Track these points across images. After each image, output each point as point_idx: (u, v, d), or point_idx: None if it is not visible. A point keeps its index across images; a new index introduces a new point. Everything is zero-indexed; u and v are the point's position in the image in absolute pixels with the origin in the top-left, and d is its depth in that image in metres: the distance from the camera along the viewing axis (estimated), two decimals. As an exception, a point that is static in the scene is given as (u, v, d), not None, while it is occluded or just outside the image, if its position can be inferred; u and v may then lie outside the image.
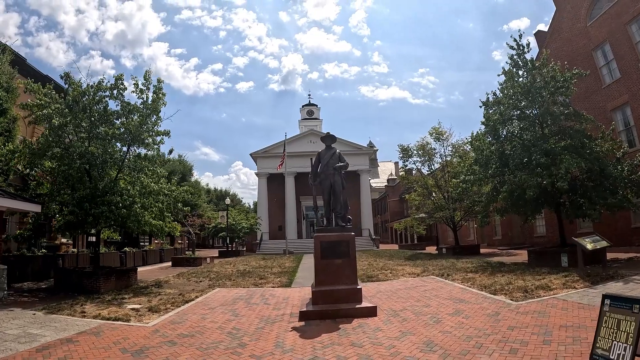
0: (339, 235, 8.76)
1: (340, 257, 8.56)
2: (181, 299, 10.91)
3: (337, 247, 8.62)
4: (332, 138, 9.83)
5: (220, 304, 10.19)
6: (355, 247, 8.81)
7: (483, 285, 10.94)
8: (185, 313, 9.06)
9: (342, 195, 9.41)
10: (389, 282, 12.98)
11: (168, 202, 15.72)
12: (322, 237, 8.73)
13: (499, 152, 16.32)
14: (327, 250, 8.58)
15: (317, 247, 8.64)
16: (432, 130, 27.92)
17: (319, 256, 8.59)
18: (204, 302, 10.57)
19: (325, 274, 8.54)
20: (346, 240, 8.66)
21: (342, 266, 8.53)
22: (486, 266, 15.96)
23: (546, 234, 27.59)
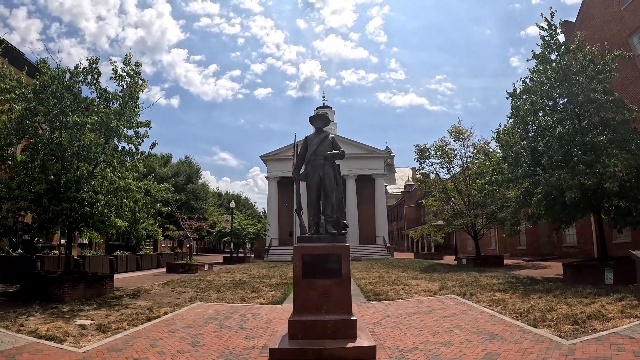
0: (328, 246, 6.61)
1: (328, 276, 6.41)
2: (146, 316, 9.41)
3: (324, 262, 6.48)
4: (323, 119, 7.68)
5: (187, 324, 8.50)
6: (350, 261, 6.63)
7: (517, 311, 8.65)
8: (137, 336, 7.47)
9: (335, 193, 7.25)
10: (400, 303, 10.74)
11: (144, 201, 13.90)
12: (304, 248, 6.60)
13: (531, 148, 13.99)
14: (311, 267, 6.45)
15: (297, 262, 6.52)
16: (451, 129, 25.57)
17: (300, 274, 6.46)
18: (170, 320, 8.94)
19: (307, 299, 6.39)
20: (337, 253, 6.50)
21: (331, 289, 6.37)
22: (515, 282, 13.60)
23: (577, 244, 24.98)
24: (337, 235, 6.81)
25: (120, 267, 24.69)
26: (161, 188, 14.68)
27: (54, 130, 12.75)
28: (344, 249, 6.53)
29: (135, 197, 13.64)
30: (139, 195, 13.97)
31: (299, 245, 6.65)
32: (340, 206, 7.40)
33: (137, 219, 13.72)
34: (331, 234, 6.85)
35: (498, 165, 15.06)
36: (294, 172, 7.58)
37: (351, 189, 45.35)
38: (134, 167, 14.15)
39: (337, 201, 7.28)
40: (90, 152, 13.12)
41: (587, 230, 23.51)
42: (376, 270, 21.70)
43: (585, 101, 13.13)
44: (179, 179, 41.12)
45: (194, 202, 40.07)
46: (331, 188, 7.13)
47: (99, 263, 22.49)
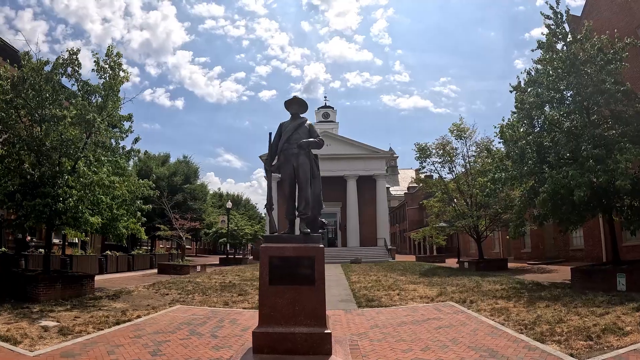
0: (300, 248, 5.69)
1: (299, 282, 5.51)
2: (116, 319, 8.86)
3: (295, 266, 5.58)
4: (300, 103, 6.76)
5: (156, 330, 7.90)
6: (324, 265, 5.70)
7: (522, 322, 7.70)
8: (98, 341, 6.97)
9: (311, 187, 6.35)
10: (393, 310, 9.81)
11: (124, 197, 13.15)
12: (271, 249, 5.69)
13: (537, 143, 13.02)
14: (280, 271, 5.56)
15: (263, 266, 5.62)
16: (452, 127, 24.49)
17: (266, 280, 5.56)
18: (140, 325, 8.39)
19: (274, 308, 5.49)
20: (309, 256, 5.59)
21: (303, 297, 5.47)
22: (520, 288, 12.64)
23: (584, 246, 23.90)
24: (310, 235, 5.90)
25: (111, 267, 24.00)
26: (141, 184, 13.81)
27: (33, 123, 12.35)
28: (318, 251, 5.62)
29: (113, 193, 12.92)
30: (119, 192, 13.22)
31: (266, 246, 5.74)
32: (318, 202, 6.50)
33: (115, 217, 12.97)
34: (304, 233, 5.94)
35: (501, 162, 14.05)
36: (265, 163, 6.65)
37: (352, 190, 44.42)
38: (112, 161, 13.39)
39: (314, 196, 6.38)
40: (70, 147, 12.49)
41: (595, 232, 22.46)
42: (374, 273, 20.75)
43: (594, 92, 12.17)
44: (177, 178, 40.20)
45: (191, 203, 39.14)
46: (306, 180, 6.21)
47: (88, 263, 21.86)
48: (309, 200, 6.18)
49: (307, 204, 6.13)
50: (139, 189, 13.74)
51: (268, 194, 6.63)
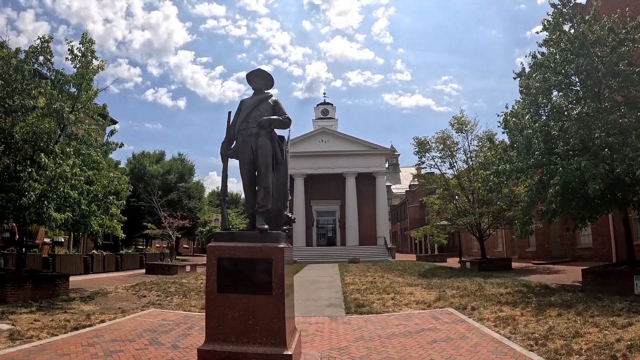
0: (255, 248, 4.59)
1: (253, 290, 4.44)
2: (77, 323, 8.18)
3: (248, 270, 4.52)
4: (264, 75, 5.61)
5: (115, 337, 7.14)
6: (284, 270, 4.55)
7: (532, 335, 6.56)
8: (46, 348, 6.29)
9: (274, 173, 5.24)
10: (384, 318, 8.67)
11: (95, 192, 12.23)
12: (220, 249, 4.63)
13: (544, 132, 11.86)
14: (230, 276, 4.51)
15: (210, 269, 4.57)
16: (453, 120, 23.23)
17: (214, 286, 4.50)
18: (101, 331, 7.65)
19: (223, 322, 4.44)
20: (266, 258, 4.49)
21: (258, 309, 4.40)
22: (526, 292, 11.50)
23: (593, 245, 22.79)
24: (268, 233, 4.77)
25: (97, 267, 23.07)
26: (112, 177, 12.77)
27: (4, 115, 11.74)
28: (276, 252, 4.51)
29: (82, 187, 11.93)
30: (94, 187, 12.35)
31: (214, 246, 4.65)
32: (282, 192, 5.38)
33: (84, 212, 11.96)
34: (260, 230, 4.81)
35: (505, 153, 12.82)
36: (222, 147, 5.51)
37: (351, 188, 43.31)
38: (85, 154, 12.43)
39: (277, 185, 5.27)
40: (42, 140, 11.73)
41: (604, 230, 21.31)
42: (370, 274, 19.62)
43: (607, 73, 11.01)
44: (171, 176, 39.22)
45: (186, 201, 38.07)
46: (266, 166, 5.09)
47: (72, 263, 21.02)
48: (270, 190, 5.06)
49: (266, 195, 5.01)
50: (112, 184, 12.69)
51: (222, 183, 5.51)
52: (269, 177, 5.05)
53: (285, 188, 5.46)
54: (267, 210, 5.01)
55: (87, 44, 12.68)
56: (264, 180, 5.02)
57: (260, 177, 5.06)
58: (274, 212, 5.17)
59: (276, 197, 5.22)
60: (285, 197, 5.47)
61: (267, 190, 5.00)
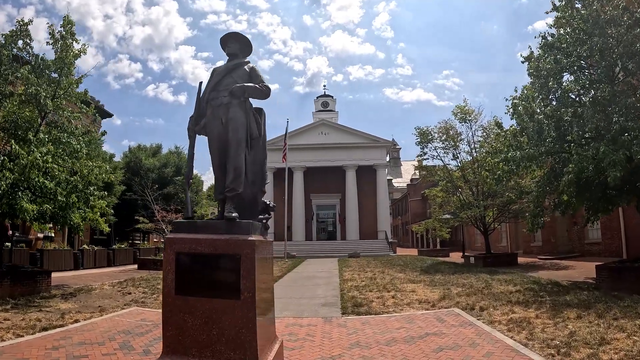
0: (219, 241, 3.74)
1: (218, 293, 3.62)
2: (49, 323, 7.60)
3: (212, 268, 3.69)
4: (241, 40, 4.74)
5: (84, 339, 6.50)
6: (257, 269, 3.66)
7: (552, 342, 5.72)
8: (5, 351, 5.84)
9: (249, 150, 4.39)
10: (383, 320, 7.84)
11: (75, 182, 11.70)
12: (179, 242, 3.80)
13: (556, 117, 10.98)
14: (191, 275, 3.69)
15: (167, 266, 3.75)
16: (456, 109, 22.26)
17: (171, 287, 3.67)
18: (70, 332, 6.96)
19: (183, 331, 3.62)
20: (233, 254, 3.64)
21: (223, 316, 3.57)
22: (538, 290, 10.66)
23: (602, 239, 21.91)
24: (237, 223, 3.90)
25: (88, 262, 22.37)
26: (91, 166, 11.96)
27: None
28: (246, 247, 3.64)
29: (60, 177, 11.23)
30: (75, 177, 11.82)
31: (172, 238, 3.82)
32: (259, 175, 4.53)
33: (62, 204, 11.20)
34: (227, 218, 3.94)
35: (515, 139, 11.87)
36: (189, 122, 4.63)
37: (351, 181, 42.39)
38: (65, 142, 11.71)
39: (254, 165, 4.43)
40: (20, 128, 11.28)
41: (614, 224, 20.42)
42: (370, 269, 18.78)
43: (623, 54, 10.11)
44: (167, 170, 38.41)
45: (183, 195, 37.24)
46: (237, 142, 4.22)
47: (61, 258, 20.45)
48: (242, 171, 4.20)
49: (237, 176, 4.15)
50: (92, 173, 11.86)
51: (188, 164, 4.66)
52: (240, 156, 4.19)
53: (262, 170, 4.61)
54: (237, 195, 4.15)
55: (67, 27, 12.13)
56: (234, 158, 4.16)
57: (230, 154, 4.20)
58: (247, 198, 4.32)
59: (251, 179, 4.37)
60: (262, 181, 4.62)
61: (237, 171, 4.14)
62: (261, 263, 3.73)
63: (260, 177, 4.54)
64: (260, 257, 3.72)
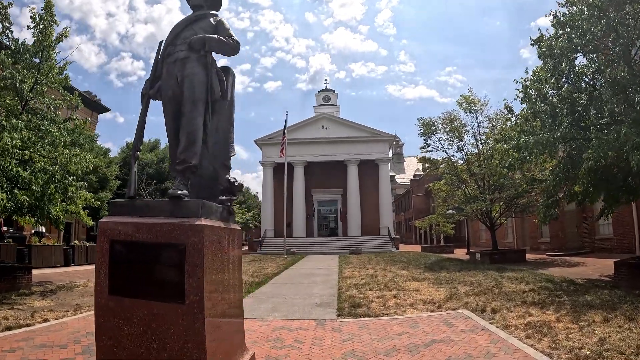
0: (160, 226, 2.86)
1: (158, 294, 2.73)
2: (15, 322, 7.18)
3: (152, 262, 2.80)
4: None
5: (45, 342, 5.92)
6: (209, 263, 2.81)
7: (580, 352, 4.84)
8: None
9: (208, 116, 3.52)
10: (383, 323, 6.96)
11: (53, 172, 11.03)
12: (114, 227, 2.98)
13: (570, 100, 10.07)
14: (127, 270, 2.82)
15: (100, 257, 2.89)
16: (461, 99, 21.23)
17: (104, 285, 2.82)
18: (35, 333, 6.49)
19: (118, 340, 2.77)
20: (176, 244, 2.77)
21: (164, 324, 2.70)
22: (553, 289, 9.76)
23: (614, 235, 20.94)
24: (182, 203, 3.01)
25: (79, 258, 21.79)
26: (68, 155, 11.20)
27: None
28: (192, 235, 2.78)
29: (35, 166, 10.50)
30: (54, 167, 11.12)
31: (106, 222, 2.98)
32: (222, 145, 3.67)
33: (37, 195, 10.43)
34: (172, 197, 3.09)
35: (527, 123, 10.90)
36: (144, 87, 3.76)
37: (353, 176, 41.49)
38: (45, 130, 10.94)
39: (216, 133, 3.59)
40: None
41: (626, 219, 19.47)
42: (372, 266, 17.92)
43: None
44: (165, 164, 37.84)
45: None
46: (193, 102, 3.36)
47: (51, 254, 19.88)
48: (196, 138, 3.33)
49: (190, 144, 3.29)
50: (70, 162, 11.11)
51: (136, 132, 3.76)
52: (196, 119, 3.33)
53: (226, 140, 3.73)
54: (189, 168, 3.29)
55: (47, 9, 11.60)
56: (187, 122, 3.31)
57: (184, 118, 3.34)
58: (206, 173, 3.48)
59: (212, 151, 3.52)
60: (226, 153, 3.74)
61: (190, 138, 3.28)
62: (216, 257, 2.87)
63: (223, 148, 3.68)
64: (215, 248, 2.86)
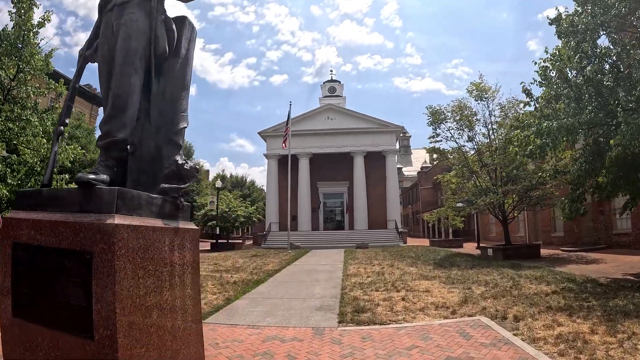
0: (64, 224, 1.98)
1: (61, 323, 1.84)
2: None
3: (56, 274, 1.91)
4: None
5: None
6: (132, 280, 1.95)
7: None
8: None
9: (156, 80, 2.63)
10: (390, 333, 6.08)
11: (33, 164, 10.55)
12: (17, 224, 2.10)
13: (596, 81, 9.09)
14: (30, 285, 1.94)
15: (4, 265, 2.01)
16: (471, 86, 20.18)
17: (8, 303, 1.95)
18: None
19: None
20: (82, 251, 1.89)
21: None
22: (577, 291, 8.83)
23: (632, 230, 19.92)
24: (93, 192, 2.12)
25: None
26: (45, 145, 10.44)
27: None
28: (101, 239, 1.90)
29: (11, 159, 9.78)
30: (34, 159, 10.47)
31: (9, 218, 2.14)
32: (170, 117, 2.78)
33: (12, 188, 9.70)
34: (79, 181, 2.20)
35: (550, 105, 9.88)
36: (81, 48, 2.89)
37: (359, 167, 40.49)
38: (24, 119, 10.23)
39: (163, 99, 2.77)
40: None
41: (642, 213, 18.48)
42: (378, 262, 17.04)
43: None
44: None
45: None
46: (124, 55, 2.51)
47: None
48: (126, 104, 2.51)
49: (116, 112, 2.47)
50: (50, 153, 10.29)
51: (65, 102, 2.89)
52: (127, 79, 2.47)
53: (175, 109, 2.85)
54: (114, 143, 2.43)
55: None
56: (117, 83, 2.47)
57: (113, 77, 2.47)
58: (148, 153, 2.60)
59: (155, 123, 2.65)
60: (173, 126, 2.85)
61: (118, 104, 2.43)
62: (144, 270, 2.00)
63: (170, 120, 2.80)
64: (142, 258, 2.00)
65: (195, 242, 2.90)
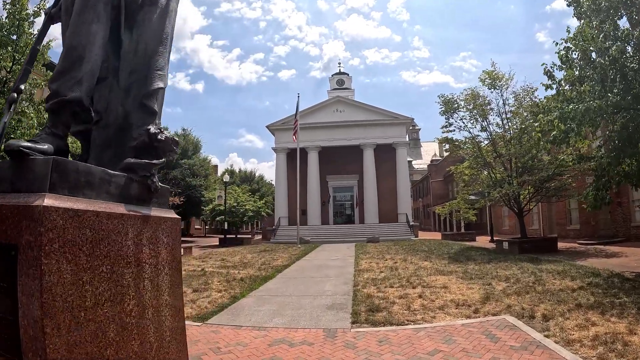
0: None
1: None
2: None
3: None
4: None
5: None
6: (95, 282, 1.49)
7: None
8: None
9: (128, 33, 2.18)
10: (409, 335, 5.62)
11: None
12: None
13: (620, 63, 8.50)
14: None
15: None
16: (483, 75, 19.47)
17: None
18: None
19: None
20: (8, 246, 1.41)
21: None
22: (605, 286, 8.30)
23: (652, 222, 19.28)
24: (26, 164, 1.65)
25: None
26: None
27: None
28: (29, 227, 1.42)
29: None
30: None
31: None
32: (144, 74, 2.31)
33: None
34: (10, 150, 1.67)
35: (574, 88, 9.25)
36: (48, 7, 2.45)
37: (369, 160, 39.92)
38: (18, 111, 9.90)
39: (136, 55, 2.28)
40: None
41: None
42: (391, 256, 16.57)
43: None
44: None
45: (190, 179, 35.31)
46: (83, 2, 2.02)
47: None
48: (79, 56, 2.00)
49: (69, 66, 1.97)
50: None
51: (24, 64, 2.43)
52: (85, 27, 2.01)
53: (150, 65, 2.35)
54: (64, 105, 1.98)
55: None
56: (72, 31, 1.99)
57: (70, 24, 2.01)
58: (113, 120, 2.16)
59: (123, 82, 2.19)
60: (147, 86, 2.34)
61: (71, 56, 1.97)
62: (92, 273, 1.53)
63: (142, 78, 2.31)
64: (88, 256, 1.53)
65: (174, 234, 2.36)
